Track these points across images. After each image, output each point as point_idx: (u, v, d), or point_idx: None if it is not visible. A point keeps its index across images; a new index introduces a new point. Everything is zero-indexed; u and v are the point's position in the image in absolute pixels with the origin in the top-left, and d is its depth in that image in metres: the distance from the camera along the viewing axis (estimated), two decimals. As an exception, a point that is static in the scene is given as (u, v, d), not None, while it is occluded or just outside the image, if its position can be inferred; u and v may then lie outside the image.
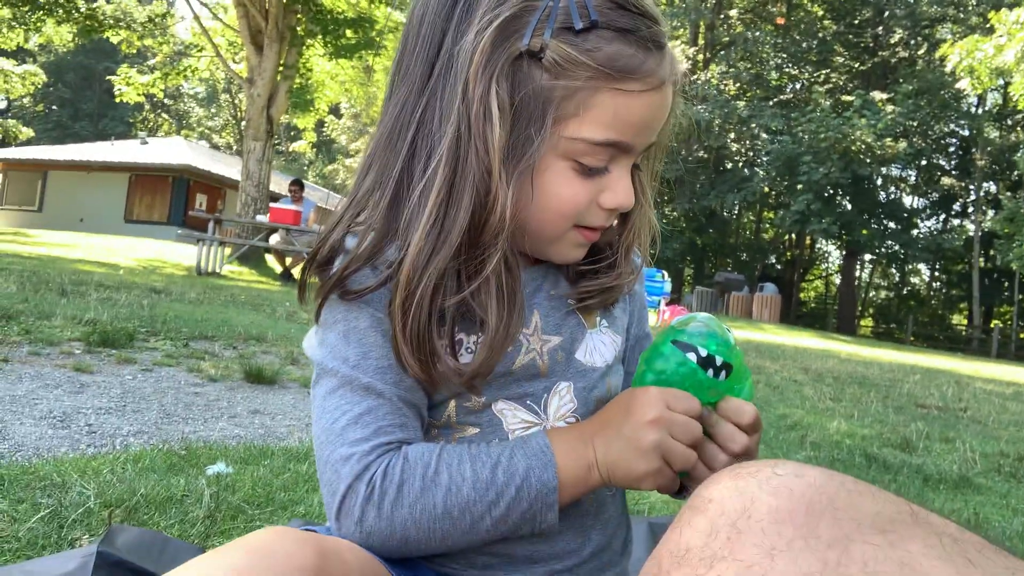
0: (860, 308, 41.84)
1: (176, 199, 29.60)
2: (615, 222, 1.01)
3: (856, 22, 37.46)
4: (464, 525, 0.88)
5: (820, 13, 38.77)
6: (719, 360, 0.93)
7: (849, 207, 32.17)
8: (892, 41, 36.32)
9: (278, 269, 14.00)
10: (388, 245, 0.92)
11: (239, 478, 2.41)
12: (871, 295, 45.98)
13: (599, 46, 0.84)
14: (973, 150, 35.06)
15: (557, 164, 0.89)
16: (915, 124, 32.16)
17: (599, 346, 1.05)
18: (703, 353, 0.93)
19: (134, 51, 19.67)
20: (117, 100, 21.17)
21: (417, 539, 0.88)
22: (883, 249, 35.66)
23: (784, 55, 37.57)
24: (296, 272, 13.50)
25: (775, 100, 35.89)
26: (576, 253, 0.99)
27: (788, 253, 41.30)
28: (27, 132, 40.73)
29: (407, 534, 0.87)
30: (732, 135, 34.58)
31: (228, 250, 14.68)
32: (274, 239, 13.38)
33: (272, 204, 13.52)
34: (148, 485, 2.18)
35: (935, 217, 40.45)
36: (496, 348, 0.90)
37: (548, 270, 1.04)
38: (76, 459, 2.48)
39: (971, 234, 36.47)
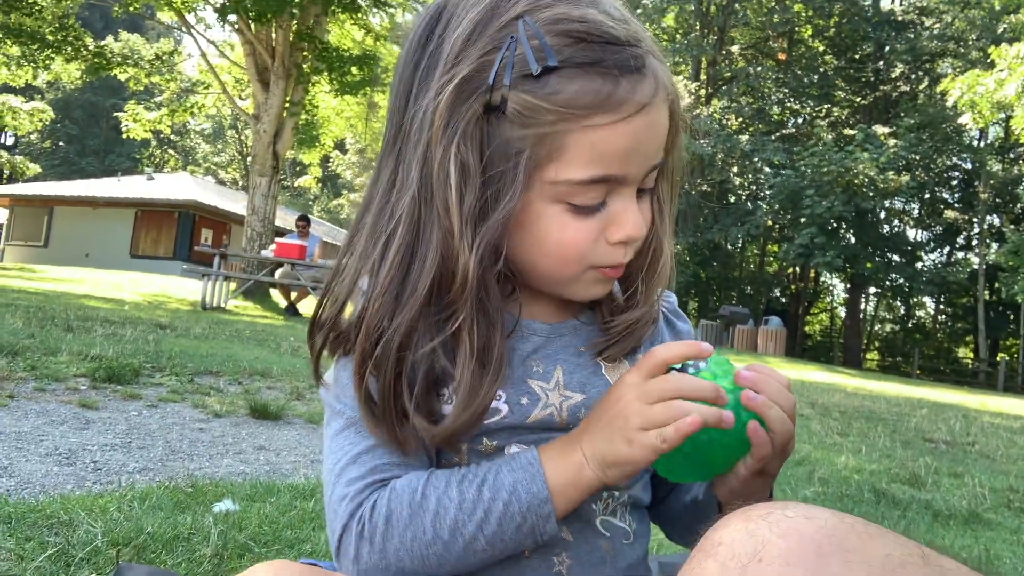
0: (865, 341, 41.73)
1: (182, 234, 29.74)
2: (632, 256, 0.96)
3: (857, 57, 37.76)
4: (458, 547, 0.86)
5: (821, 48, 39.11)
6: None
7: (853, 240, 32.21)
8: (893, 76, 36.57)
9: (283, 304, 14.03)
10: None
11: (245, 516, 2.41)
12: (876, 328, 45.86)
13: (560, 88, 0.82)
14: (976, 183, 35.14)
15: (549, 209, 0.88)
16: (917, 158, 32.27)
17: None
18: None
19: (141, 88, 19.87)
20: (124, 136, 21.34)
21: (413, 568, 0.87)
22: (887, 282, 35.69)
23: (786, 90, 37.83)
24: (304, 309, 13.53)
25: (777, 134, 36.08)
26: (597, 290, 0.96)
27: (792, 286, 41.27)
28: (34, 168, 40.99)
29: (402, 564, 0.87)
30: (735, 169, 34.74)
31: (233, 285, 14.72)
32: (279, 274, 13.42)
33: (278, 239, 13.58)
34: (155, 523, 2.17)
35: (939, 250, 40.47)
36: (470, 407, 0.88)
37: (579, 325, 1.01)
38: (83, 497, 2.48)
39: (975, 267, 36.43)
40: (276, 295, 15.33)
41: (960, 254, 40.26)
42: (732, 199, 36.97)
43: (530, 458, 0.89)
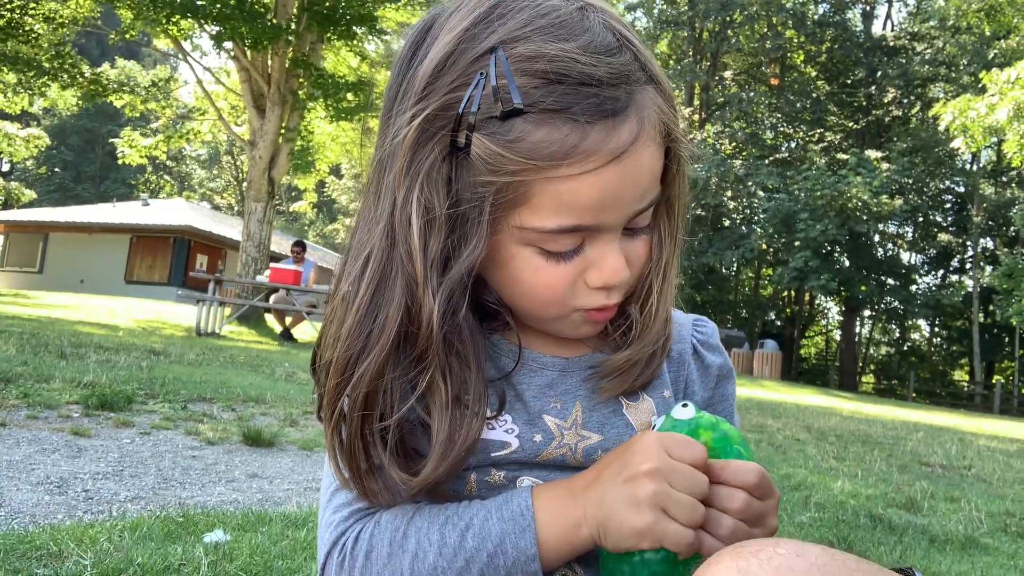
0: (861, 364, 41.74)
1: (177, 260, 29.73)
2: (620, 299, 0.89)
3: (849, 82, 38.07)
4: None
5: (813, 74, 39.43)
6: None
7: (847, 263, 32.31)
8: (885, 100, 36.86)
9: (278, 329, 13.99)
10: None
11: (236, 546, 2.39)
12: (871, 351, 45.89)
13: (523, 135, 0.76)
14: (969, 206, 35.35)
15: (522, 252, 0.83)
16: (910, 181, 32.49)
17: None
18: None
19: (137, 114, 19.91)
20: (120, 162, 21.37)
21: None
22: (882, 305, 35.79)
23: (779, 115, 38.09)
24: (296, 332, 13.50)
25: (771, 159, 36.29)
26: (586, 330, 0.91)
27: (788, 310, 41.33)
28: (29, 194, 41.03)
29: None
30: (729, 193, 34.88)
31: (228, 310, 14.69)
32: (274, 299, 13.40)
33: (273, 264, 13.57)
34: (145, 554, 2.15)
35: (933, 273, 40.64)
36: (448, 456, 0.84)
37: (599, 359, 0.95)
38: (73, 527, 2.46)
39: (970, 290, 36.57)
40: (271, 320, 15.30)
41: (954, 277, 40.43)
42: (726, 223, 37.09)
43: (522, 507, 0.83)
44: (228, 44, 16.28)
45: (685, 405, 0.85)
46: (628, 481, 0.78)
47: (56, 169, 55.18)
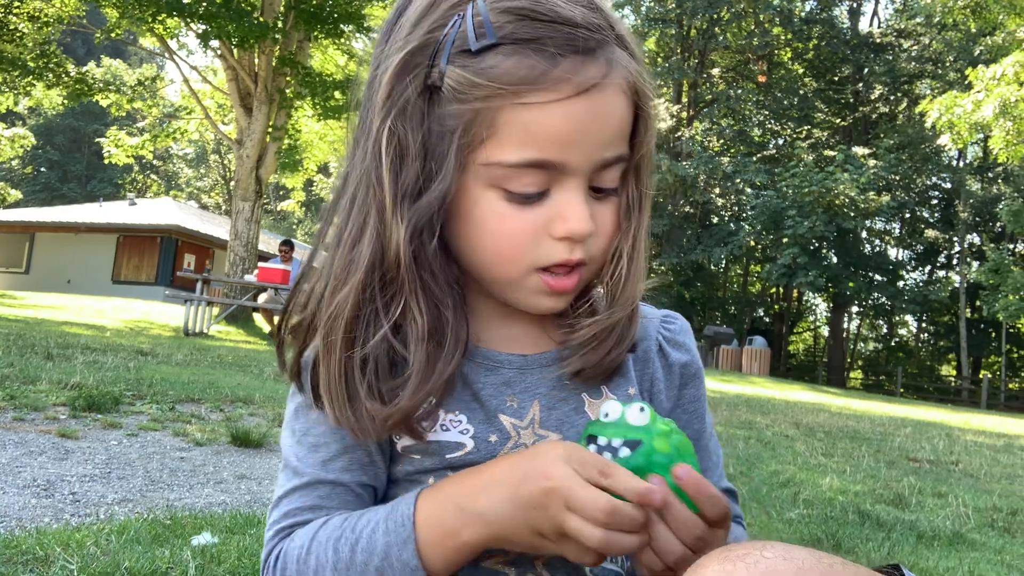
0: (849, 360, 41.91)
1: (164, 259, 29.61)
2: (584, 256, 0.86)
3: (836, 79, 38.21)
4: None
5: (801, 71, 39.53)
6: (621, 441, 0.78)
7: (835, 260, 32.43)
8: (872, 97, 37.02)
9: (266, 329, 13.96)
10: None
11: (224, 548, 2.38)
12: (859, 347, 46.09)
13: (496, 63, 0.79)
14: (956, 202, 35.55)
15: (485, 196, 0.83)
16: (897, 178, 32.62)
17: None
18: (616, 444, 0.78)
19: (123, 114, 19.81)
20: (106, 162, 21.28)
21: None
22: (870, 301, 35.91)
23: (766, 112, 38.18)
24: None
25: (758, 156, 36.37)
26: (544, 302, 0.89)
27: (776, 306, 41.46)
28: (15, 194, 40.82)
29: None
30: (717, 190, 34.96)
31: (216, 310, 14.65)
32: (262, 298, 13.36)
33: (261, 263, 13.53)
34: (132, 558, 2.14)
35: (920, 269, 40.87)
36: (424, 388, 0.84)
37: (562, 356, 0.93)
38: (59, 531, 2.44)
39: (956, 285, 36.78)
40: (259, 320, 15.25)
41: (941, 273, 40.67)
42: (715, 220, 37.17)
43: (404, 517, 0.81)
44: (215, 43, 16.22)
45: (642, 409, 0.79)
46: (526, 499, 0.75)
47: (42, 169, 54.88)
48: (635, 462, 0.76)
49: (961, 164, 37.12)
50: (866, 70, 36.63)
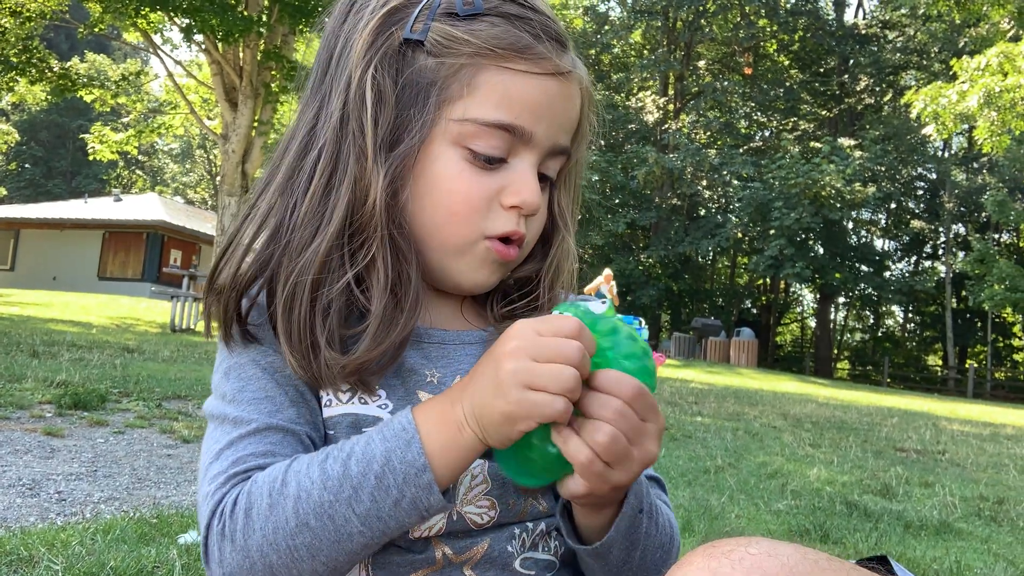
0: (836, 351, 42.08)
1: (150, 255, 29.46)
2: (525, 233, 0.90)
3: (822, 71, 38.30)
4: (328, 533, 0.76)
5: (786, 63, 39.60)
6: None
7: (821, 251, 32.54)
8: (858, 88, 37.11)
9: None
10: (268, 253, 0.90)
11: (212, 546, 2.37)
12: (846, 337, 46.28)
13: (484, 28, 0.84)
14: (941, 193, 35.71)
15: (448, 152, 0.86)
16: (883, 169, 32.73)
17: None
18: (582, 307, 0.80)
19: (108, 109, 19.69)
20: (91, 158, 21.15)
21: (283, 564, 0.76)
22: (856, 292, 36.08)
23: (752, 104, 38.24)
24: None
25: (745, 148, 36.44)
26: (487, 273, 0.91)
27: (763, 298, 41.57)
28: (-1, 191, 40.52)
29: (268, 561, 0.76)
30: (704, 182, 35.01)
31: (203, 306, 14.59)
32: (249, 294, 13.31)
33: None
34: (118, 558, 2.13)
35: (906, 259, 41.04)
36: (384, 341, 0.84)
37: (493, 335, 0.95)
38: (44, 531, 2.42)
39: (942, 276, 36.98)
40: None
41: (927, 263, 40.86)
42: (702, 212, 37.23)
43: (404, 423, 0.78)
44: (199, 37, 16.12)
45: (604, 302, 0.82)
46: (493, 367, 0.75)
47: (26, 165, 54.45)
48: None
49: (946, 155, 37.28)
50: (851, 61, 36.73)
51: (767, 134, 39.45)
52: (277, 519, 0.76)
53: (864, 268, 34.28)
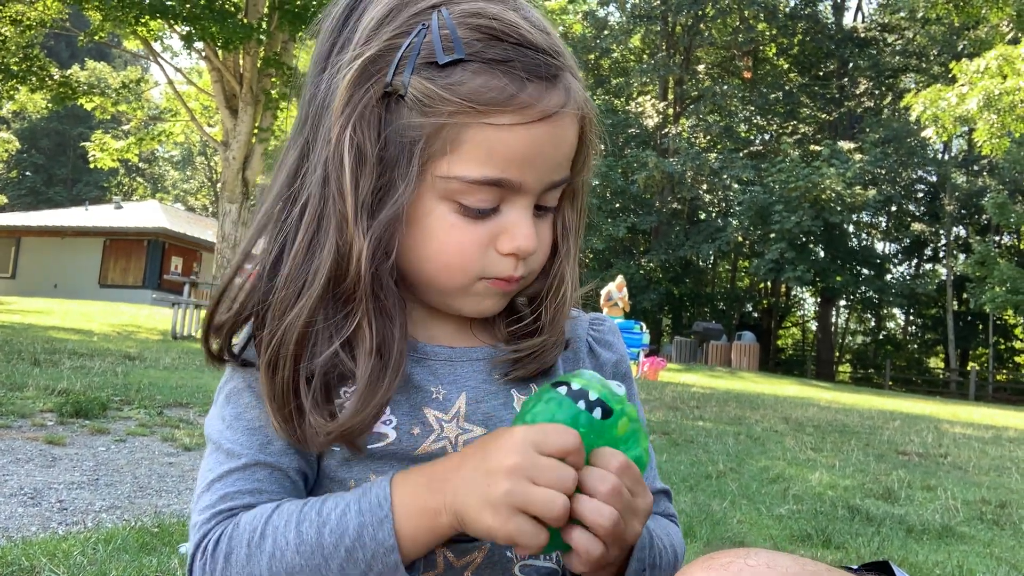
0: (837, 354, 42.05)
1: (151, 262, 29.47)
2: (525, 272, 0.90)
3: (821, 74, 38.33)
4: None
5: (786, 66, 39.63)
6: (606, 406, 0.80)
7: (822, 254, 32.54)
8: (857, 92, 37.13)
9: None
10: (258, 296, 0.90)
11: (214, 554, 2.36)
12: (848, 340, 46.25)
13: (463, 80, 0.80)
14: (941, 195, 35.69)
15: (438, 208, 0.84)
16: (883, 171, 32.74)
17: None
18: (592, 397, 0.80)
19: (108, 117, 19.71)
20: (92, 166, 21.16)
21: None
22: (857, 295, 36.09)
23: (752, 107, 38.26)
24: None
25: (745, 151, 36.43)
26: (488, 304, 0.92)
27: (764, 301, 41.56)
28: (0, 199, 40.52)
29: None
30: (704, 186, 35.02)
31: (204, 313, 14.60)
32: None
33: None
34: (120, 567, 2.13)
35: (907, 262, 41.02)
36: (369, 404, 0.83)
37: (493, 352, 0.95)
38: (45, 541, 2.42)
39: (943, 278, 36.96)
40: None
41: (928, 266, 40.85)
42: (702, 216, 37.24)
43: (380, 498, 0.80)
44: (199, 44, 16.15)
45: (620, 385, 0.83)
46: (486, 476, 0.75)
47: (27, 173, 54.50)
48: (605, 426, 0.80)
49: (946, 157, 37.26)
50: (851, 65, 36.76)
51: (767, 138, 39.48)
52: (251, 572, 0.80)
53: (865, 271, 34.29)
